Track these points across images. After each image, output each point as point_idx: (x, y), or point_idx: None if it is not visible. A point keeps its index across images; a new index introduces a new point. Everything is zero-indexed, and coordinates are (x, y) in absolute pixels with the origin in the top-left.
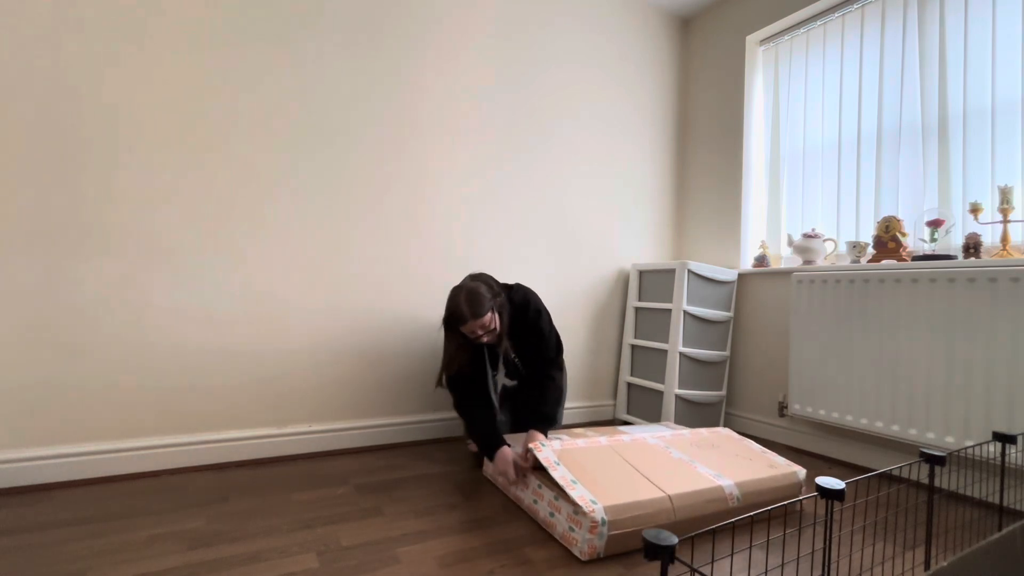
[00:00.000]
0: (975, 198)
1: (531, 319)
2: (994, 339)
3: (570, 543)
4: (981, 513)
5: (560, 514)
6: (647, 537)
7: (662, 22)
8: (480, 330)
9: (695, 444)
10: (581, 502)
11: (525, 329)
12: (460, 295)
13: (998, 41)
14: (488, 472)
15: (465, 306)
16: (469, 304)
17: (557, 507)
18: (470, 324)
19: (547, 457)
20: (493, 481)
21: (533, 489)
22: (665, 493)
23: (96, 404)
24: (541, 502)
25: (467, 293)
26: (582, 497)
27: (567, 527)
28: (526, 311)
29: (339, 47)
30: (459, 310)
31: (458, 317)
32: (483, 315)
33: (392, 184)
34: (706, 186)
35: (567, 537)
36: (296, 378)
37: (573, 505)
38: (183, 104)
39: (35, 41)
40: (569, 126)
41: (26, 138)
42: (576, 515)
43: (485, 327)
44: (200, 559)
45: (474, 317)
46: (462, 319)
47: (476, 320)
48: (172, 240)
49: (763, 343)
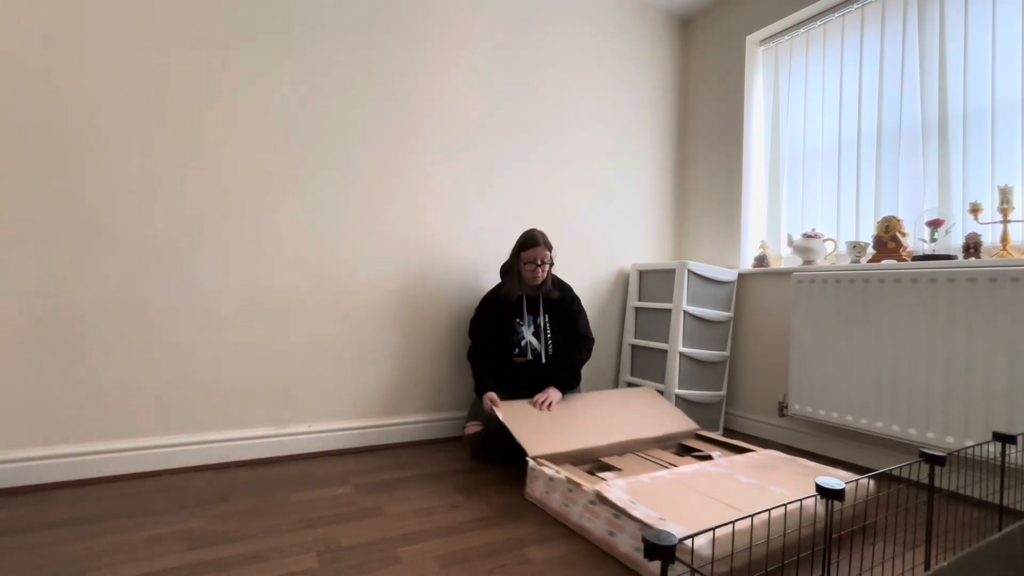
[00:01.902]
0: (975, 198)
1: (569, 297)
2: (994, 339)
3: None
4: (981, 513)
5: (623, 533)
6: (647, 537)
7: (662, 22)
8: (540, 260)
9: (754, 467)
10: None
11: (564, 304)
12: (536, 230)
13: (998, 41)
14: (532, 496)
15: (540, 235)
16: (543, 236)
17: (619, 525)
18: (540, 249)
19: (620, 498)
20: (530, 499)
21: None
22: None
23: (96, 404)
24: (621, 534)
25: (541, 231)
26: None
27: None
28: (565, 289)
29: (340, 49)
30: (535, 236)
31: (533, 240)
32: (550, 248)
33: (392, 184)
34: (706, 186)
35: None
36: (296, 378)
37: None
38: (183, 104)
39: (35, 41)
40: (569, 126)
41: (26, 138)
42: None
43: (545, 260)
44: (200, 559)
45: (545, 246)
46: (535, 242)
47: (545, 248)
48: (172, 240)
49: (763, 343)
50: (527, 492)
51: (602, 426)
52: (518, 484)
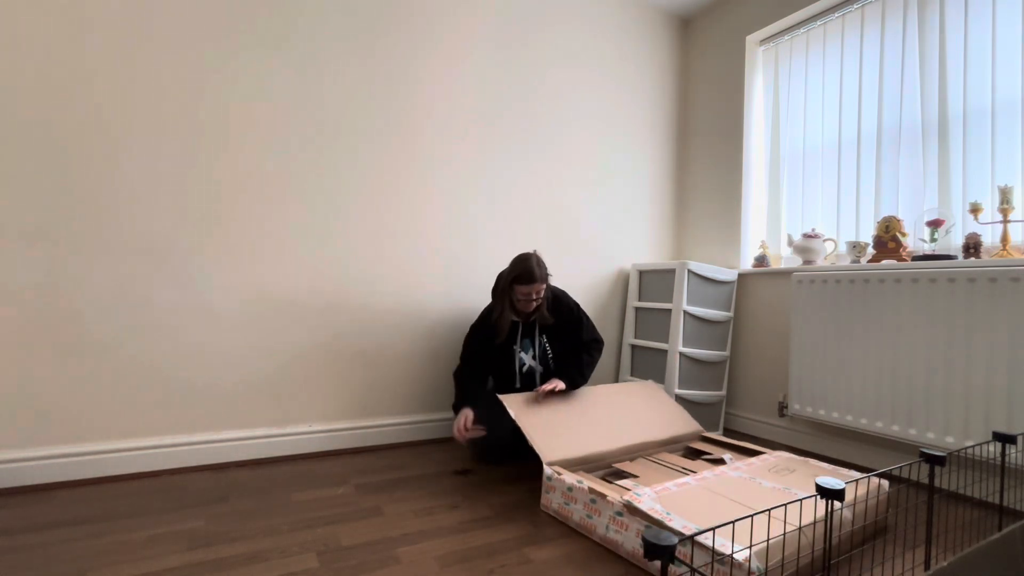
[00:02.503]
0: (975, 198)
1: (566, 312)
2: (994, 339)
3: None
4: (981, 513)
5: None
6: (647, 537)
7: (662, 22)
8: (535, 294)
9: (772, 470)
10: (724, 551)
11: (561, 322)
12: (531, 258)
13: (998, 41)
14: (549, 507)
15: (536, 268)
16: (539, 267)
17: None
18: (536, 284)
19: (652, 508)
20: (547, 510)
21: (639, 531)
22: (797, 527)
23: (96, 404)
24: (627, 532)
25: (537, 258)
26: (724, 546)
27: None
28: (559, 302)
29: (341, 50)
30: (532, 269)
31: (529, 274)
32: (546, 280)
33: (392, 185)
34: (706, 186)
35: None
36: (296, 378)
37: (713, 555)
38: (184, 105)
39: (37, 42)
40: (569, 126)
41: (27, 139)
42: (721, 565)
43: (539, 293)
44: (200, 559)
45: (540, 280)
46: (531, 278)
47: (541, 283)
48: (172, 240)
49: (763, 343)
50: (543, 504)
51: (609, 426)
52: (518, 484)
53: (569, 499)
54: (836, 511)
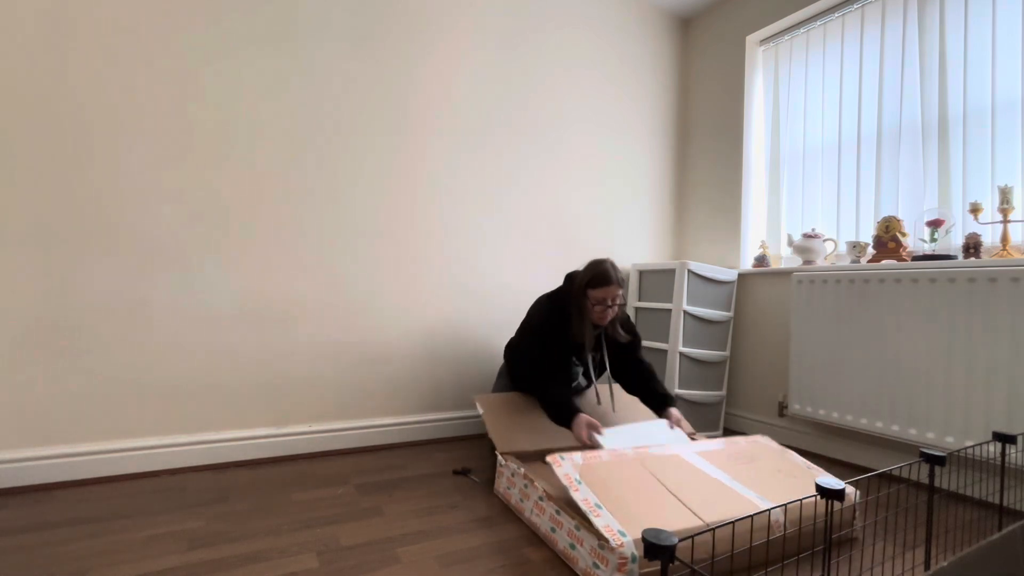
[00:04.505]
0: (975, 198)
1: (631, 325)
2: (994, 339)
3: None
4: (981, 513)
5: (582, 547)
6: (647, 537)
7: (662, 22)
8: (611, 300)
9: (732, 458)
10: (608, 533)
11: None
12: (606, 262)
13: (998, 41)
14: (499, 491)
15: (612, 271)
16: (615, 271)
17: (579, 538)
18: (613, 288)
19: (567, 474)
20: (504, 500)
21: (551, 515)
22: (703, 521)
23: (96, 404)
24: (560, 531)
25: (612, 263)
26: (608, 527)
27: (590, 563)
28: (634, 334)
29: (342, 52)
30: (607, 271)
31: (605, 277)
32: (623, 286)
33: (392, 185)
34: (706, 186)
35: (590, 574)
36: (296, 378)
37: (598, 537)
38: (185, 106)
39: (38, 42)
40: (569, 126)
41: (28, 139)
42: (602, 550)
43: (616, 299)
44: (200, 559)
45: (618, 283)
46: (607, 279)
47: (617, 287)
48: (173, 240)
49: (763, 343)
50: (495, 487)
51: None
52: None
53: (511, 483)
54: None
